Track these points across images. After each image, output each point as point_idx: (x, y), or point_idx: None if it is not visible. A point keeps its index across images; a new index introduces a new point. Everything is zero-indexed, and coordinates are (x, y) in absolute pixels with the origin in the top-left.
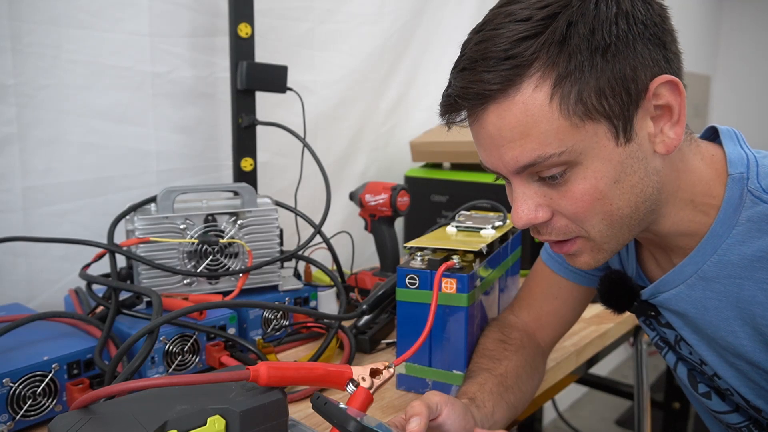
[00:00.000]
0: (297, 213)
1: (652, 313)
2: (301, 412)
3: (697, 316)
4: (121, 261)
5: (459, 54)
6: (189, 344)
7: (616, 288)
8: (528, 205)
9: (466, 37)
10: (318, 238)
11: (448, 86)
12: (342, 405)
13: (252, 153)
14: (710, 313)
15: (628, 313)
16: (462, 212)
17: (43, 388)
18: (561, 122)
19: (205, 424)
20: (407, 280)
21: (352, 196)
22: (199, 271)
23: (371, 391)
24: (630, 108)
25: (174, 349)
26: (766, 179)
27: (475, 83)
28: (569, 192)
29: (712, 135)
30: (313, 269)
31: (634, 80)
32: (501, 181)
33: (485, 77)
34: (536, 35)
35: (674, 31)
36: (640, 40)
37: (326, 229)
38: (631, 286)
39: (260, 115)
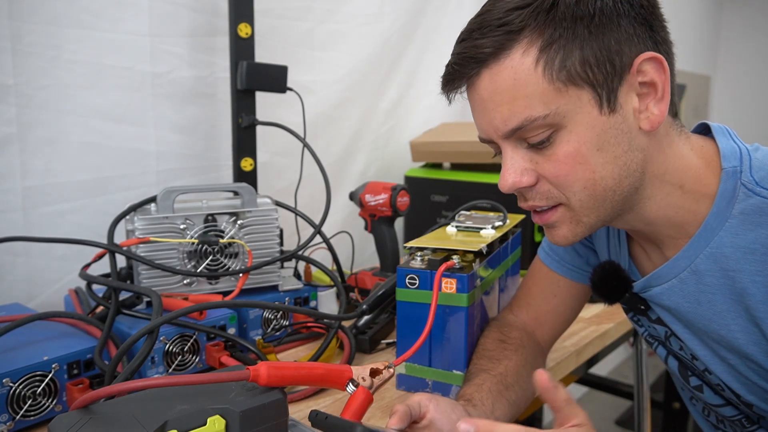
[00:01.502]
0: (297, 213)
1: (642, 307)
2: (300, 412)
3: (690, 311)
4: (121, 261)
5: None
6: (189, 344)
7: (609, 278)
8: (515, 169)
9: None
10: (318, 238)
11: (451, 57)
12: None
13: (252, 153)
14: (703, 306)
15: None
16: (462, 212)
17: (43, 388)
18: (545, 86)
19: (205, 424)
20: (407, 280)
21: (352, 196)
22: (199, 271)
23: (371, 391)
24: (614, 79)
25: (174, 349)
26: (759, 172)
27: (470, 49)
28: (554, 155)
29: (704, 131)
30: (313, 269)
31: (619, 53)
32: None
33: (479, 43)
34: (527, 5)
35: (664, 20)
36: (625, 17)
37: (326, 229)
38: (623, 276)
39: (260, 115)
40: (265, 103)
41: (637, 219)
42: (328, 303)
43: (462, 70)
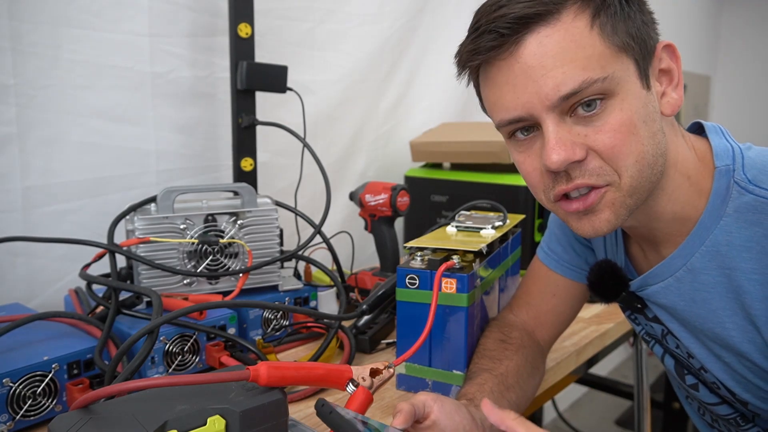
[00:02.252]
0: (297, 213)
1: (639, 306)
2: (301, 412)
3: (686, 309)
4: (121, 261)
5: (476, 14)
6: (189, 344)
7: (606, 276)
8: (564, 143)
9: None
10: (318, 238)
11: (474, 28)
12: (343, 409)
13: (252, 153)
14: (698, 305)
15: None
16: (462, 212)
17: (43, 388)
18: (603, 48)
19: (205, 424)
20: (407, 280)
21: (352, 196)
22: (199, 271)
23: (371, 391)
24: (647, 59)
25: (174, 349)
26: (751, 170)
27: (515, 9)
28: (607, 124)
29: (697, 129)
30: (313, 269)
31: (648, 36)
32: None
33: (523, 6)
34: None
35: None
36: (645, 4)
37: (326, 229)
38: (620, 275)
39: (260, 115)
40: (265, 103)
41: (645, 215)
42: (328, 303)
43: (499, 36)
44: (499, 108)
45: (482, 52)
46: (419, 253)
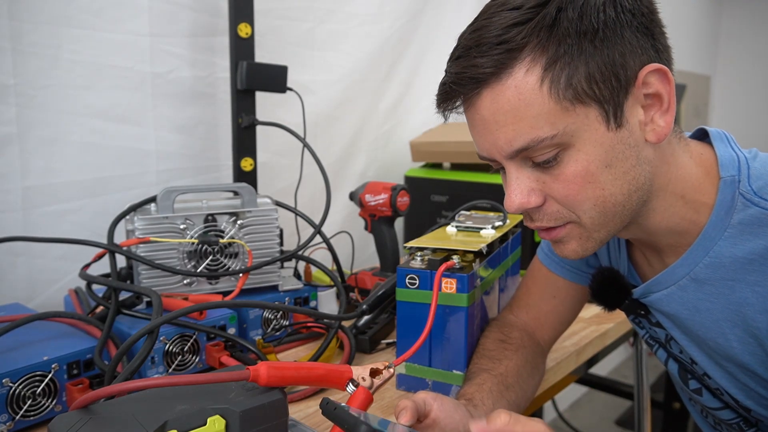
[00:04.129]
0: (297, 213)
1: (642, 312)
2: (301, 412)
3: (688, 318)
4: (121, 261)
5: (455, 45)
6: (189, 344)
7: (608, 285)
8: (521, 190)
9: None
10: (318, 238)
11: (444, 76)
12: (345, 406)
13: (252, 153)
14: (701, 314)
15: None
16: (462, 212)
17: (43, 388)
18: (552, 105)
19: (205, 424)
20: (407, 280)
21: (352, 196)
22: (199, 271)
23: (371, 391)
24: (620, 94)
25: (174, 349)
26: (757, 182)
27: (468, 68)
28: (562, 175)
29: (702, 136)
30: (313, 269)
31: (624, 66)
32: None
33: (478, 62)
34: (527, 21)
35: (663, 25)
36: (628, 27)
37: (326, 229)
38: (622, 283)
39: (260, 115)
40: (265, 103)
41: (640, 229)
42: (328, 303)
43: (460, 90)
44: (475, 143)
45: (445, 101)
46: (419, 253)
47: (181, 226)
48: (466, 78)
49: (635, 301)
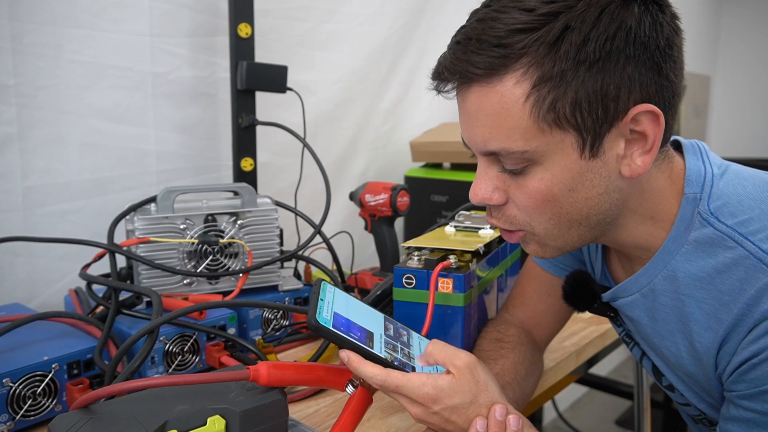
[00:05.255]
0: (297, 213)
1: (612, 315)
2: (301, 412)
3: (647, 325)
4: (121, 261)
5: (464, 22)
6: (189, 344)
7: (578, 288)
8: (486, 186)
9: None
10: (318, 238)
11: (445, 52)
12: None
13: (252, 153)
14: (658, 323)
15: None
16: (461, 212)
17: (43, 388)
18: (530, 123)
19: (205, 424)
20: (404, 280)
21: (352, 196)
22: (199, 271)
23: (371, 392)
24: (603, 126)
25: (174, 349)
26: (716, 202)
27: (462, 62)
28: (524, 186)
29: (676, 146)
30: (313, 269)
31: (615, 100)
32: (475, 160)
33: (473, 59)
34: (532, 30)
35: (678, 57)
36: (633, 61)
37: (326, 229)
38: (592, 288)
39: (260, 115)
40: (265, 103)
41: (607, 240)
42: None
43: (452, 78)
44: (460, 127)
45: (438, 83)
46: (417, 253)
47: (181, 226)
48: (458, 70)
49: (605, 304)
